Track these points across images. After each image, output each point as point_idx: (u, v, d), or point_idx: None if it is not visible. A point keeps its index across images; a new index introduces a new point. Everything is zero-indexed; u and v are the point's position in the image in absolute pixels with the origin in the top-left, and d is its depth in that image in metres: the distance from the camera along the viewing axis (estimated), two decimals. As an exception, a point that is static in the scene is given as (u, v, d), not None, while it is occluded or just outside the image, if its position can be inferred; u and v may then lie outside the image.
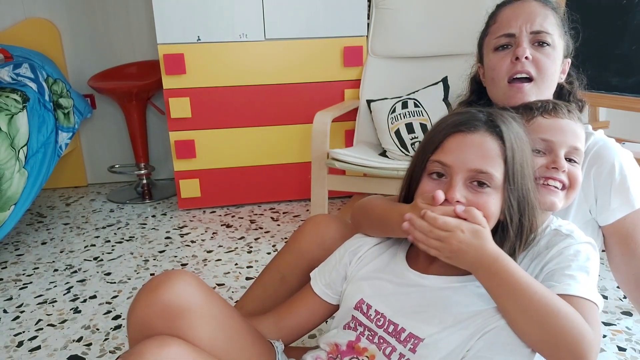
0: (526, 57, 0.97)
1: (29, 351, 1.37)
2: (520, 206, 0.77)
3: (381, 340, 0.80)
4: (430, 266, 0.83)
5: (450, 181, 0.76)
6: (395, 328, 0.78)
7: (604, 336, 1.35)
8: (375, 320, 0.81)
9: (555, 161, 0.85)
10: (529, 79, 0.98)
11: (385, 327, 0.80)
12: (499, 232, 0.78)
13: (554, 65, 0.99)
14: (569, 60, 1.06)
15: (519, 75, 0.98)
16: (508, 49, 1.00)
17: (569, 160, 0.87)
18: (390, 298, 0.82)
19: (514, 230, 0.78)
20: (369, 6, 2.38)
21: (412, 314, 0.78)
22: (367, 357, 0.80)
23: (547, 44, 0.98)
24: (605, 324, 1.41)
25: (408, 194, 0.85)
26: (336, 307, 0.94)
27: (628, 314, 1.45)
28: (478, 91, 1.11)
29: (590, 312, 0.72)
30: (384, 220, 0.87)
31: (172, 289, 0.78)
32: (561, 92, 1.08)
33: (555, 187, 0.86)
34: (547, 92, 0.99)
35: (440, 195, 0.74)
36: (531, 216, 0.79)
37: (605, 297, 1.55)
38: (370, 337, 0.81)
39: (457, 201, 0.74)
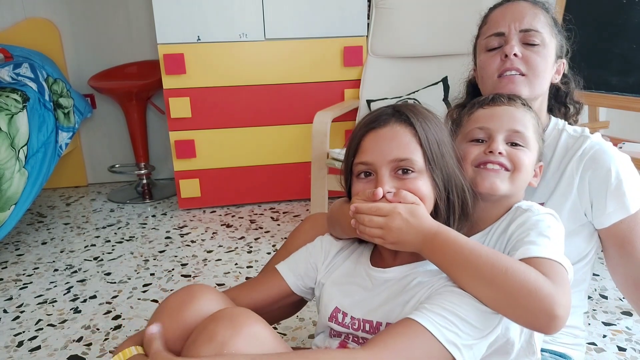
0: (515, 54, 0.97)
1: (29, 351, 1.37)
2: (445, 184, 0.81)
3: (365, 340, 0.80)
4: (396, 259, 0.84)
5: (377, 177, 0.79)
6: (371, 325, 0.80)
7: (604, 336, 1.35)
8: (351, 325, 0.82)
9: (490, 145, 0.87)
10: (520, 75, 0.98)
11: (362, 327, 0.81)
12: (432, 212, 0.81)
13: (545, 62, 0.99)
14: (564, 61, 1.06)
15: (508, 73, 0.98)
16: (499, 49, 1.01)
17: (513, 144, 0.88)
18: (362, 303, 0.83)
19: (444, 207, 0.81)
20: (369, 6, 2.38)
21: (384, 308, 0.80)
22: None
23: (537, 42, 0.98)
24: (605, 324, 1.41)
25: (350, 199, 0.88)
26: (298, 297, 0.95)
27: (628, 314, 1.45)
28: (474, 94, 1.11)
29: (552, 269, 0.71)
30: (340, 223, 0.90)
31: (195, 309, 0.77)
32: (558, 94, 1.08)
33: (494, 168, 0.86)
34: (539, 89, 0.99)
35: (380, 191, 0.77)
36: (460, 194, 0.82)
37: (605, 297, 1.55)
38: (356, 340, 0.83)
39: (389, 192, 0.78)
